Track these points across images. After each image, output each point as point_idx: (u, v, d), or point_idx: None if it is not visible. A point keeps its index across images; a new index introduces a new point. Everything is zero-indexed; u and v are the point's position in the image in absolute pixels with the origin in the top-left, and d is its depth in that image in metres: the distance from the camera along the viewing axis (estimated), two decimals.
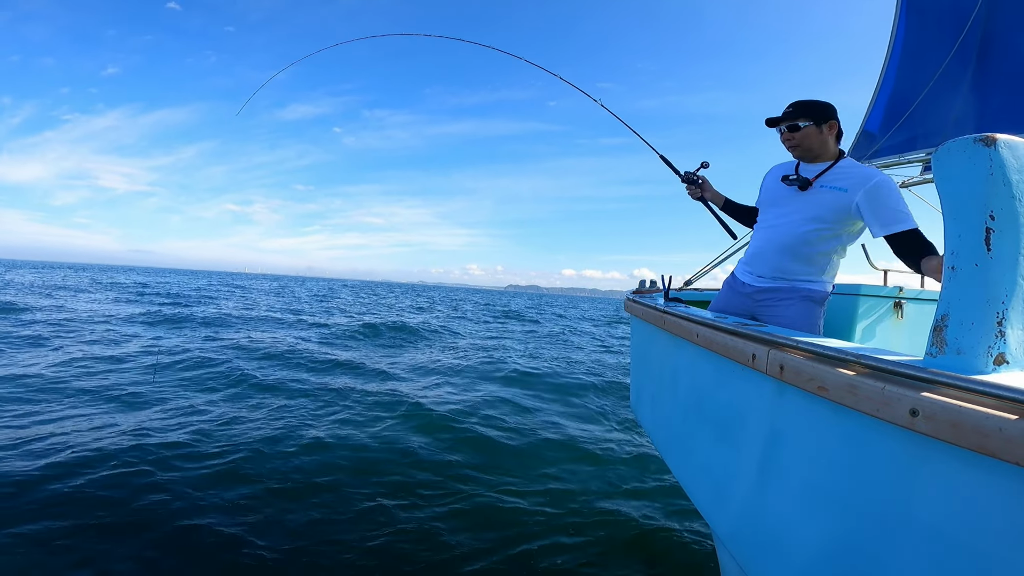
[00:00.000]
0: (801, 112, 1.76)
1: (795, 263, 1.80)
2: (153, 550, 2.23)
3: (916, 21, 3.11)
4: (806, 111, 1.76)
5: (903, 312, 2.11)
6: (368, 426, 4.16)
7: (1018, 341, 0.70)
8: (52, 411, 4.03)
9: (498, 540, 2.50)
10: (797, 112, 1.77)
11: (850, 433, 0.84)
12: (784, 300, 1.82)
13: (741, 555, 1.23)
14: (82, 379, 5.13)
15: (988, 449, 0.59)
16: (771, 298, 1.86)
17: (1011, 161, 0.70)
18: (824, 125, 1.75)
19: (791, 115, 1.78)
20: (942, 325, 0.75)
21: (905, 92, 3.03)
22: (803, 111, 1.76)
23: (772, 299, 1.85)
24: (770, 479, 1.09)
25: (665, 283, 2.45)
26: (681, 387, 1.74)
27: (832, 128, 1.77)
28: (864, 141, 3.32)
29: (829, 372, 0.85)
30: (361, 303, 24.43)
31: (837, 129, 1.79)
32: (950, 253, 0.75)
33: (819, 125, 1.75)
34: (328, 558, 2.27)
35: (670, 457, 1.87)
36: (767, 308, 1.86)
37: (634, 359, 2.68)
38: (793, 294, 1.81)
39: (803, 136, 1.77)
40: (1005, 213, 0.70)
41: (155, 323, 10.84)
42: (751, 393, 1.18)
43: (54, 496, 2.60)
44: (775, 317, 1.82)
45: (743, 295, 1.94)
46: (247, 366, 6.38)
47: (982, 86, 2.62)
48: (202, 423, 3.96)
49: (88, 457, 3.08)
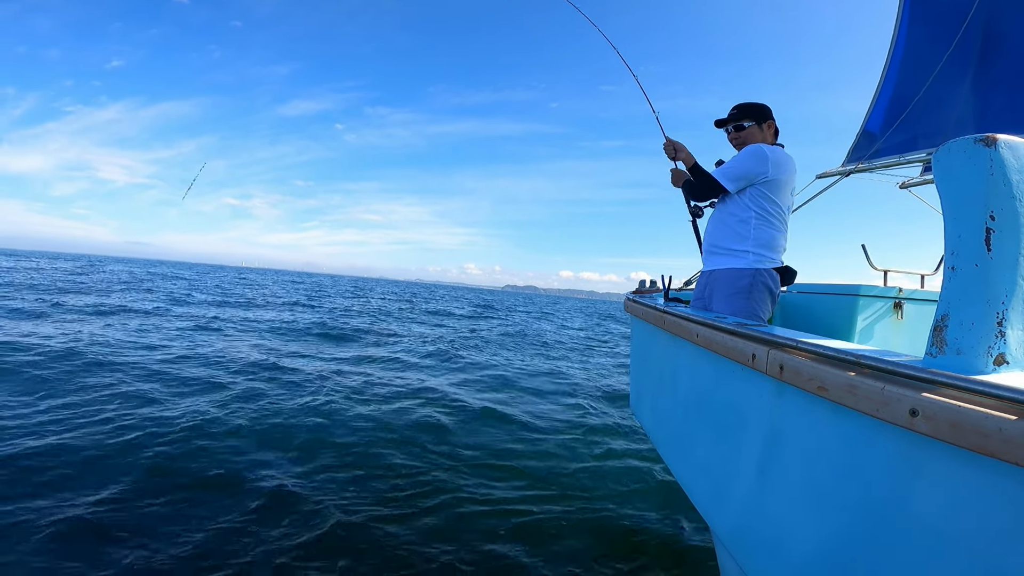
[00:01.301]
0: (745, 114, 2.02)
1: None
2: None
3: (919, 21, 3.11)
4: (748, 113, 2.01)
5: (903, 312, 2.11)
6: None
7: (1018, 341, 0.70)
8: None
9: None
10: (741, 114, 2.02)
11: (850, 433, 0.84)
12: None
13: (740, 554, 1.24)
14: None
15: (988, 449, 0.59)
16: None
17: (1011, 161, 0.70)
18: (764, 124, 2.01)
19: (736, 117, 2.03)
20: (942, 325, 0.75)
21: (906, 92, 3.03)
22: (746, 113, 2.02)
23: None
24: (770, 479, 1.09)
25: (665, 283, 2.45)
26: (681, 387, 1.74)
27: (770, 127, 2.03)
28: (865, 141, 3.32)
29: (829, 372, 0.85)
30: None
31: (774, 128, 2.05)
32: (950, 253, 0.75)
33: (760, 124, 2.01)
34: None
35: (670, 456, 1.87)
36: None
37: (634, 359, 2.68)
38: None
39: (747, 134, 2.02)
40: (1005, 213, 0.70)
41: (326, 336, 9.72)
42: (751, 393, 1.18)
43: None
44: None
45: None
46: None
47: (983, 86, 2.62)
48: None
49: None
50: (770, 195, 1.89)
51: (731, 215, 1.95)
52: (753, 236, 1.89)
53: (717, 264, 1.99)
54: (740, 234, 1.91)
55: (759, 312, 1.86)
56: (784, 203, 1.93)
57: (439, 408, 4.85)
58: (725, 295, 1.91)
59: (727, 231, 1.96)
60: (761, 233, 1.89)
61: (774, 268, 1.91)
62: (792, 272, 1.97)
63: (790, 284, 2.01)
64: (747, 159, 1.89)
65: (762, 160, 1.86)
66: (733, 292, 1.89)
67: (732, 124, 2.04)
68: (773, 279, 1.90)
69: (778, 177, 1.88)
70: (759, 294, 1.87)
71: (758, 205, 1.89)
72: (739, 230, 1.91)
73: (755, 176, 1.87)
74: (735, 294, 1.88)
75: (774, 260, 1.92)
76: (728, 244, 1.95)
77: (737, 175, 1.89)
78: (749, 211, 1.90)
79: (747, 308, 1.84)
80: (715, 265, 2.00)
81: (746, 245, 1.90)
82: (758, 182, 1.88)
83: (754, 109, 2.01)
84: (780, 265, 1.94)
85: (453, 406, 4.95)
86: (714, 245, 2.02)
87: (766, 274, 1.89)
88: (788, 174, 1.91)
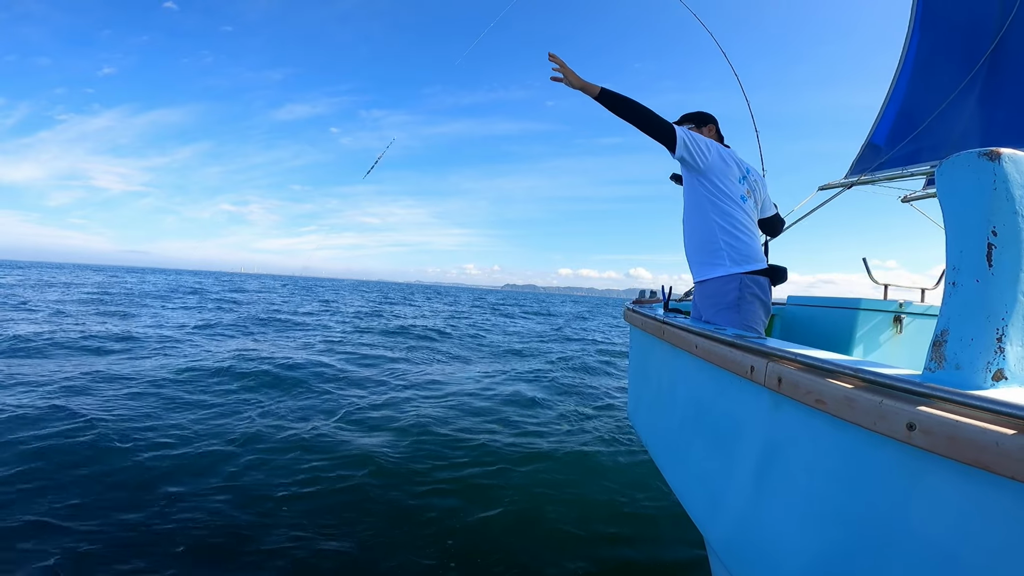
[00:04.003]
0: (685, 119, 2.20)
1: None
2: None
3: (930, 36, 3.11)
4: (689, 118, 2.20)
5: (902, 326, 2.11)
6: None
7: (1017, 357, 0.70)
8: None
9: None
10: (682, 119, 2.20)
11: (847, 446, 0.84)
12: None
13: (734, 565, 1.23)
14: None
15: (984, 463, 0.59)
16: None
17: (1015, 176, 0.70)
18: (703, 127, 2.16)
19: (679, 122, 2.17)
20: (941, 340, 0.74)
21: (913, 106, 3.03)
22: (687, 118, 2.20)
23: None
24: (766, 490, 1.08)
25: (665, 293, 2.45)
26: (679, 397, 1.73)
27: (710, 130, 2.17)
28: (870, 153, 3.32)
29: (827, 385, 0.85)
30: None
31: (714, 131, 2.17)
32: (951, 268, 0.75)
33: (699, 127, 2.16)
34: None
35: (666, 466, 1.86)
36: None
37: (632, 368, 2.67)
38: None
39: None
40: (1007, 228, 0.69)
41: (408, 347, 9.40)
42: (748, 405, 1.17)
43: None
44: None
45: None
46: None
47: (989, 100, 2.62)
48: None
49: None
50: (723, 187, 1.89)
51: (696, 221, 1.96)
52: (722, 239, 1.88)
53: (700, 275, 1.98)
54: (710, 239, 1.91)
55: (752, 324, 1.82)
56: (734, 192, 1.91)
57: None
58: (715, 309, 1.88)
59: (698, 239, 1.96)
60: (731, 236, 1.87)
61: (759, 271, 1.86)
62: (781, 271, 1.92)
63: (781, 282, 1.95)
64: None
65: (704, 138, 1.91)
66: (723, 307, 1.85)
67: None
68: (760, 285, 1.85)
69: (721, 165, 1.91)
70: (748, 305, 1.82)
71: (716, 207, 1.89)
72: (708, 235, 1.91)
73: (699, 144, 1.88)
74: (725, 309, 1.84)
75: (755, 262, 1.87)
76: (703, 251, 1.94)
77: (685, 131, 1.88)
78: (709, 213, 1.90)
79: (739, 323, 1.80)
80: (699, 276, 1.99)
81: (720, 250, 1.88)
82: (703, 169, 1.89)
83: (694, 115, 2.20)
84: (763, 267, 1.88)
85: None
86: (692, 255, 2.03)
87: (751, 282, 1.84)
88: (732, 163, 1.93)
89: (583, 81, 1.86)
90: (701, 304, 1.98)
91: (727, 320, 1.83)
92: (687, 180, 2.00)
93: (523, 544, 2.52)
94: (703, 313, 1.97)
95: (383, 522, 2.63)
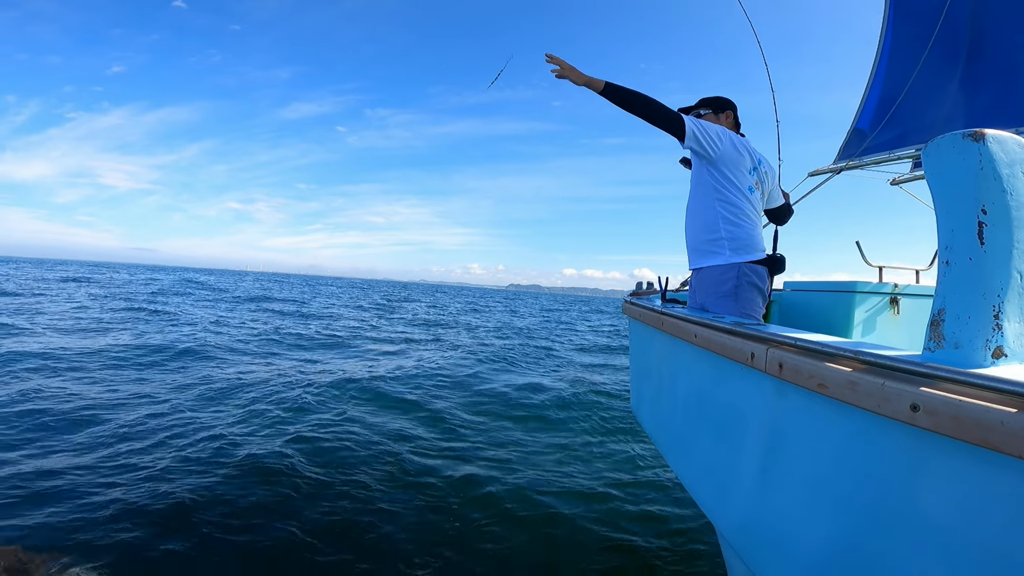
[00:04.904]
0: (702, 103, 2.16)
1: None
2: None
3: (903, 20, 3.14)
4: (707, 103, 2.15)
5: (899, 308, 2.12)
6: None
7: (1015, 334, 0.70)
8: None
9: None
10: (700, 104, 2.17)
11: (851, 429, 0.84)
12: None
13: (746, 553, 1.23)
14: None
15: (990, 443, 0.59)
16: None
17: (1000, 156, 0.71)
18: (721, 114, 2.12)
19: (695, 106, 2.17)
20: (939, 319, 0.75)
21: (895, 90, 3.05)
22: (704, 103, 2.16)
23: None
24: (773, 477, 1.09)
25: (662, 285, 2.45)
26: (681, 387, 1.73)
27: (728, 116, 2.13)
28: (855, 139, 3.34)
29: (828, 369, 0.85)
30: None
31: (732, 118, 2.14)
32: (944, 248, 0.76)
33: (716, 113, 2.12)
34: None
35: (672, 457, 1.86)
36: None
37: (633, 361, 2.67)
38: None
39: (705, 120, 2.04)
40: (997, 207, 0.70)
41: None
42: (751, 392, 1.18)
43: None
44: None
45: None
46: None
47: (971, 83, 2.64)
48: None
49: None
50: (732, 177, 1.88)
51: (700, 208, 1.96)
52: (724, 228, 1.88)
53: (699, 262, 1.99)
54: (712, 228, 1.91)
55: (750, 312, 1.83)
56: (743, 183, 1.90)
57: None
58: (713, 297, 1.89)
59: (700, 226, 1.96)
60: (733, 226, 1.87)
61: (757, 261, 1.87)
62: (780, 260, 1.93)
63: (780, 272, 1.96)
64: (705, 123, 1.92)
65: (717, 127, 1.88)
66: (720, 295, 1.86)
67: (692, 113, 2.11)
68: (758, 274, 1.86)
69: (733, 154, 1.88)
70: (746, 293, 1.84)
71: (722, 196, 1.88)
72: (710, 223, 1.91)
73: (709, 133, 1.85)
74: (722, 297, 1.85)
75: (754, 252, 1.88)
76: (704, 239, 1.94)
77: (694, 120, 1.86)
78: (714, 201, 1.90)
79: (736, 311, 1.81)
80: (697, 263, 2.00)
81: (720, 239, 1.89)
82: (714, 159, 1.87)
83: (712, 100, 2.15)
84: (762, 257, 1.89)
85: None
86: (692, 242, 2.03)
87: (749, 271, 1.85)
88: (745, 153, 1.90)
89: (586, 76, 1.86)
90: (699, 292, 1.99)
91: (725, 308, 1.83)
92: (696, 166, 2.01)
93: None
94: (700, 301, 1.97)
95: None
